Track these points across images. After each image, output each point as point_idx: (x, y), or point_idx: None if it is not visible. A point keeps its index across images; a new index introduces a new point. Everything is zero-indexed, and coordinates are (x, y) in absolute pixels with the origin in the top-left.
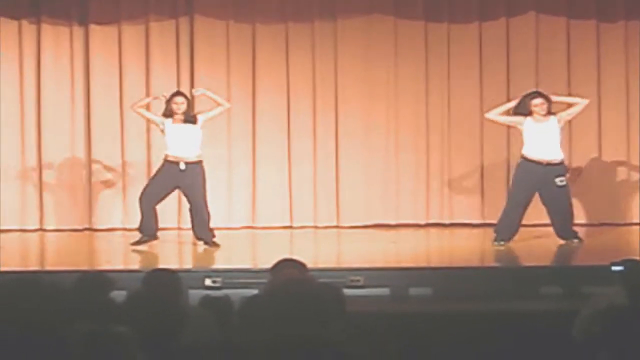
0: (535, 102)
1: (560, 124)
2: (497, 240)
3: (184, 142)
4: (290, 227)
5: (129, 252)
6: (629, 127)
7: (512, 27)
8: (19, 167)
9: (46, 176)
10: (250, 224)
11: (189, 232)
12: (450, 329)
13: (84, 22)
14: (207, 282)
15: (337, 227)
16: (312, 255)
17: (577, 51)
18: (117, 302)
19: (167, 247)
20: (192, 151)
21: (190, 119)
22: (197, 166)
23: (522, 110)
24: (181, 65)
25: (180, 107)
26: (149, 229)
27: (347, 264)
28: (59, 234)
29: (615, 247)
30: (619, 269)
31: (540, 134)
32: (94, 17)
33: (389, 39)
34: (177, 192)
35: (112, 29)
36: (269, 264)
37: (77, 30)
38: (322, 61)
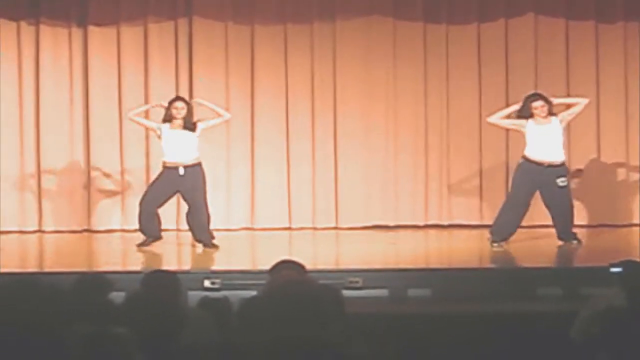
0: (535, 104)
1: (562, 124)
2: (492, 240)
3: (181, 147)
4: (289, 229)
5: (128, 254)
6: (628, 128)
7: (511, 28)
8: (18, 168)
9: (45, 177)
10: (249, 225)
11: (188, 234)
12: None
13: (83, 23)
14: (206, 283)
15: (335, 228)
16: (311, 256)
17: (576, 52)
18: (116, 303)
19: (166, 248)
20: (190, 155)
21: (190, 125)
22: (196, 168)
23: (524, 113)
24: (180, 66)
25: (180, 112)
26: (152, 231)
27: (345, 265)
28: (57, 235)
29: (614, 248)
30: (618, 270)
31: (542, 136)
32: (93, 19)
33: (388, 40)
34: (174, 192)
35: (111, 31)
36: (267, 266)
37: (76, 31)
38: (321, 62)
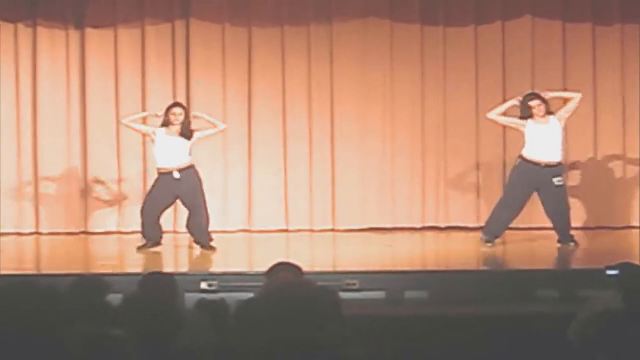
0: (532, 103)
1: (561, 123)
2: (483, 239)
3: (174, 152)
4: (286, 231)
5: (125, 255)
6: (625, 130)
7: (507, 30)
8: (15, 170)
9: (42, 179)
10: (246, 227)
11: (185, 236)
12: (446, 332)
13: (80, 25)
14: (203, 285)
15: (332, 230)
16: (307, 258)
17: (572, 54)
18: (113, 305)
19: (163, 250)
20: (182, 159)
21: (186, 132)
22: (190, 171)
23: (524, 113)
24: (177, 68)
25: (177, 118)
26: (153, 236)
27: (342, 267)
28: (54, 237)
29: (611, 251)
30: (615, 272)
31: (541, 135)
32: (90, 20)
33: (384, 42)
34: (174, 197)
35: (108, 32)
36: (264, 268)
37: (73, 33)
38: (318, 64)
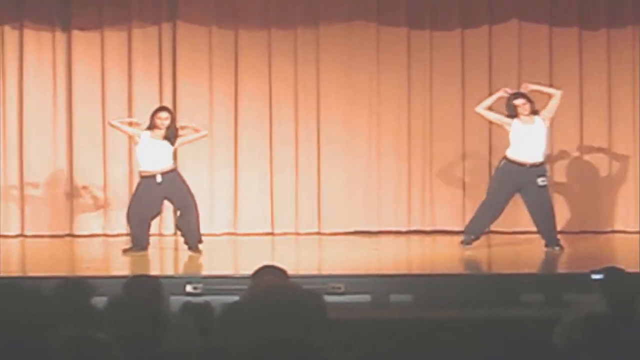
0: (517, 102)
1: (545, 123)
2: (462, 241)
3: (157, 155)
4: (271, 234)
5: (110, 258)
6: (610, 134)
7: (494, 34)
8: (1, 171)
9: (27, 182)
10: (231, 230)
11: (171, 239)
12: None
13: (67, 27)
14: (188, 288)
15: (318, 233)
16: (293, 261)
17: (559, 58)
18: (98, 308)
19: (149, 253)
20: (165, 163)
21: (171, 137)
22: (173, 174)
23: (510, 112)
24: (164, 71)
25: (164, 123)
26: (140, 242)
27: (328, 271)
28: (39, 239)
29: (595, 255)
30: (599, 277)
31: (527, 135)
32: (77, 23)
33: (371, 45)
34: (160, 200)
35: (94, 35)
36: (250, 271)
37: (60, 35)
38: (305, 68)
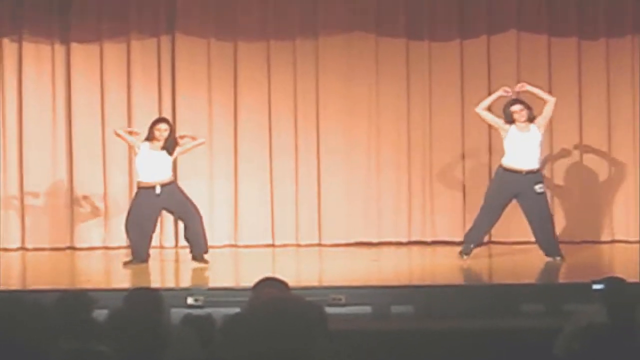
0: (514, 108)
1: (540, 130)
2: (464, 251)
3: (156, 167)
4: (272, 245)
5: (111, 271)
6: (610, 144)
7: (493, 44)
8: (1, 184)
9: (28, 194)
10: (232, 242)
11: (172, 251)
12: (432, 347)
13: (66, 40)
14: (189, 300)
15: (318, 245)
16: (294, 273)
17: (558, 68)
18: (98, 320)
19: (150, 265)
20: (164, 174)
21: (170, 148)
22: (172, 186)
23: (507, 118)
24: (162, 83)
25: (162, 134)
26: (140, 254)
27: (328, 282)
28: (40, 252)
29: (596, 265)
30: (600, 287)
31: (523, 142)
32: (76, 36)
33: (370, 56)
34: (158, 211)
35: (93, 47)
36: (250, 283)
37: (59, 48)
38: (304, 79)
